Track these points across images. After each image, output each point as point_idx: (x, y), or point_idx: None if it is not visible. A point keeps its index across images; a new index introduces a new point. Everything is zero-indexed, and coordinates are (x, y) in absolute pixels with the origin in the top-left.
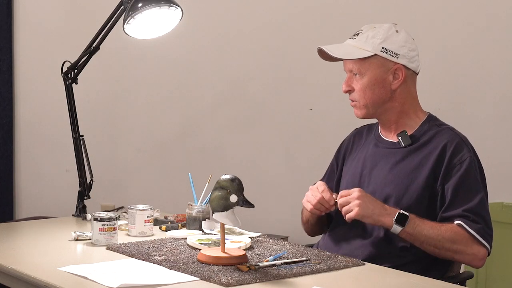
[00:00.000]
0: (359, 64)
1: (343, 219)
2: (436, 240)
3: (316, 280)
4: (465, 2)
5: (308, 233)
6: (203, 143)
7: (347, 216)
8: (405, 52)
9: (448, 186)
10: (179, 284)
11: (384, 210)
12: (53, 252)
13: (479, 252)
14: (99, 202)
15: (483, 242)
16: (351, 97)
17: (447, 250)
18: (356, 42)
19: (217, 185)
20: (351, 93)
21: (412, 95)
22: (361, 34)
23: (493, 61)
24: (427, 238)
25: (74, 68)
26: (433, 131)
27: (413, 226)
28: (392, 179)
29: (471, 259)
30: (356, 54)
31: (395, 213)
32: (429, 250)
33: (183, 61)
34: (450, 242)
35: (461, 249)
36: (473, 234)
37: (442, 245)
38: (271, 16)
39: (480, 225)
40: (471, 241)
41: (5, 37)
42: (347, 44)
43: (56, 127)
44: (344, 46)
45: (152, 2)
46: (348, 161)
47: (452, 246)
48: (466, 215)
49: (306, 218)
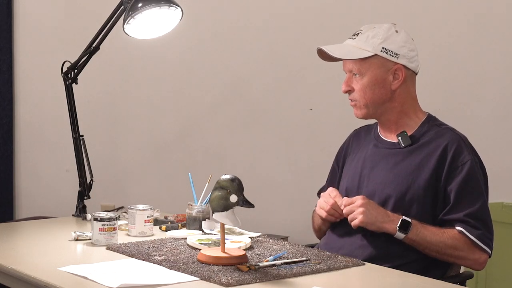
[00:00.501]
0: (359, 64)
1: (343, 219)
2: (438, 247)
3: (316, 280)
4: (464, 2)
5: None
6: (203, 143)
7: (352, 224)
8: (405, 52)
9: (450, 188)
10: (179, 284)
11: (387, 217)
12: (53, 252)
13: (480, 258)
14: (99, 202)
15: (484, 247)
16: (351, 97)
17: (449, 256)
18: (356, 42)
19: (217, 185)
20: (351, 93)
21: (411, 95)
22: (361, 34)
23: (492, 61)
24: (429, 244)
25: (74, 68)
26: (433, 132)
27: (416, 233)
28: (392, 180)
29: (472, 264)
30: (356, 54)
31: (398, 220)
32: (431, 255)
33: (183, 61)
34: (452, 248)
35: (462, 255)
36: (474, 240)
37: (444, 251)
38: (271, 16)
39: (481, 230)
40: (472, 247)
41: (5, 37)
42: (347, 44)
43: (56, 127)
44: (344, 46)
45: (152, 2)
46: (347, 162)
47: (454, 252)
48: (467, 221)
49: (318, 225)
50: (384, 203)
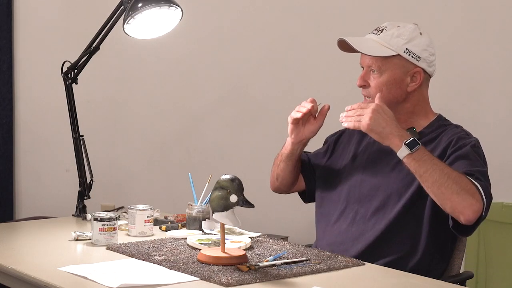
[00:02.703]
0: (380, 62)
1: (342, 218)
2: (440, 174)
3: (316, 280)
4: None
5: (278, 189)
6: (203, 143)
7: (352, 125)
8: (426, 56)
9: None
10: (179, 284)
11: (397, 130)
12: (53, 252)
13: (475, 204)
14: (99, 202)
15: (483, 197)
16: (365, 93)
17: (446, 188)
18: (380, 39)
19: (217, 185)
20: (366, 88)
21: (424, 97)
22: (385, 31)
23: (495, 61)
24: (432, 168)
25: (74, 68)
26: (440, 130)
27: (422, 154)
28: (396, 175)
29: (465, 207)
30: (380, 52)
31: (409, 137)
32: (428, 183)
33: (183, 61)
34: (454, 181)
35: (461, 191)
36: (477, 185)
37: (444, 181)
38: (271, 16)
39: (484, 183)
40: (473, 190)
41: (5, 37)
42: (369, 39)
43: (56, 127)
44: (367, 41)
45: (152, 2)
46: (347, 153)
47: (453, 186)
48: (469, 173)
49: (277, 173)
50: (387, 198)
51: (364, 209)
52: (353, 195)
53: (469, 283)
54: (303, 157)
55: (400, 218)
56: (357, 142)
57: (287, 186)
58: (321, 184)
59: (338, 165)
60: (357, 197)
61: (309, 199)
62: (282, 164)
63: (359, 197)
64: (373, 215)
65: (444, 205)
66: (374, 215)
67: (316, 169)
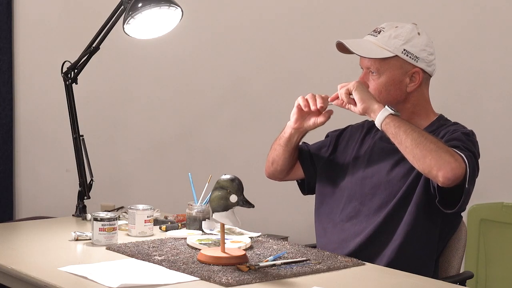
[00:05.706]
0: (378, 63)
1: (344, 216)
2: (419, 134)
3: (316, 280)
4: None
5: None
6: (203, 143)
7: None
8: (425, 56)
9: None
10: (179, 284)
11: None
12: (53, 252)
13: (454, 163)
14: (99, 202)
15: (465, 162)
16: None
17: (425, 146)
18: (377, 40)
19: (217, 185)
20: None
21: (424, 97)
22: (383, 32)
23: (492, 62)
24: (411, 128)
25: (74, 68)
26: (440, 129)
27: (402, 118)
28: (395, 175)
29: (443, 163)
30: (377, 53)
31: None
32: (407, 143)
33: (183, 61)
34: (432, 142)
35: (440, 150)
36: (459, 153)
37: (422, 140)
38: (271, 16)
39: (467, 153)
40: (453, 152)
41: (5, 37)
42: (368, 40)
43: (56, 127)
44: (364, 42)
45: (152, 2)
46: (349, 151)
47: (431, 145)
48: (454, 145)
49: (273, 157)
50: (387, 197)
51: (366, 207)
52: (355, 193)
53: (469, 283)
54: (302, 146)
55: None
56: (359, 140)
57: (281, 173)
58: (322, 180)
59: (340, 162)
60: (359, 196)
61: (309, 191)
62: (279, 148)
63: (361, 195)
64: (376, 213)
65: (423, 165)
66: (377, 213)
67: (317, 161)
